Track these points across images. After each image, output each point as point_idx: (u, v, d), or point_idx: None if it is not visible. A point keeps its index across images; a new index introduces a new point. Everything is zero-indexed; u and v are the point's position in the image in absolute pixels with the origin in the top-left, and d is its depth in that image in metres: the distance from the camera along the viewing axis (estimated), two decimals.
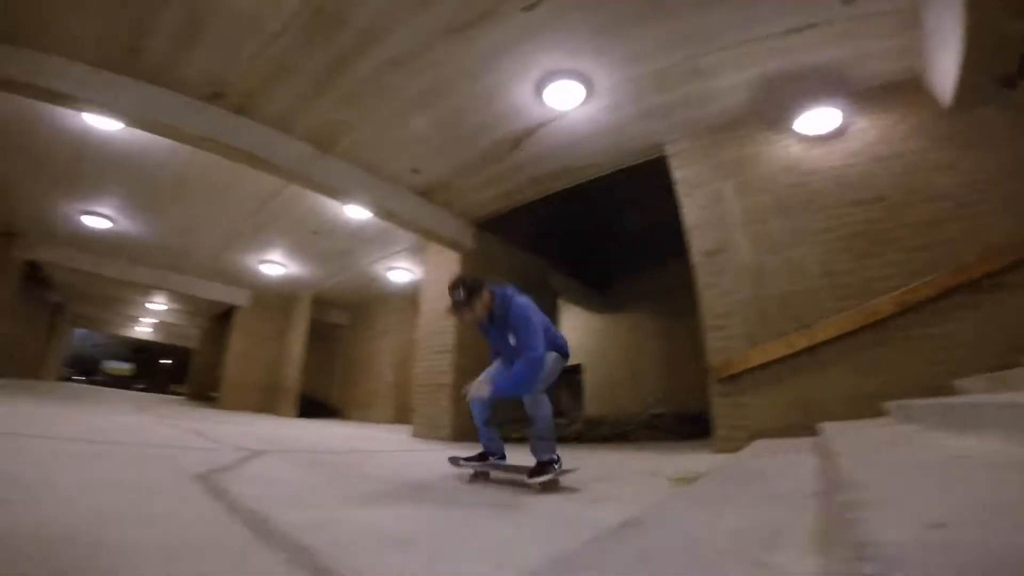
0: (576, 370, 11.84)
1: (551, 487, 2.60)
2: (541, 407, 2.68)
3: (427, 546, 1.50)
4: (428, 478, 3.00)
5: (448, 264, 7.53)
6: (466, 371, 7.00)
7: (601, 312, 11.46)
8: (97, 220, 8.64)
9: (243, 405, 12.58)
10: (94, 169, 6.92)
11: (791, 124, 4.62)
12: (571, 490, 2.67)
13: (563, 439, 6.63)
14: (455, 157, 5.88)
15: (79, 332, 26.73)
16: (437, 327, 7.38)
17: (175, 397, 22.23)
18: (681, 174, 5.13)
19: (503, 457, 3.02)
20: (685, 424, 7.09)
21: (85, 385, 24.46)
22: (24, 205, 8.38)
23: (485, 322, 2.89)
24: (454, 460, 3.13)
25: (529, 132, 5.33)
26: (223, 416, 9.17)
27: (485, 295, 2.81)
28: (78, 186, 7.48)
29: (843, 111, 4.40)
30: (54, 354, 19.15)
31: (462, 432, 6.70)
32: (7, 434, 3.11)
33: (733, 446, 3.99)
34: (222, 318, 15.73)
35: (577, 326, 11.80)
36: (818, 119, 4.47)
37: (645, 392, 10.02)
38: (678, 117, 4.98)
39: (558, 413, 8.19)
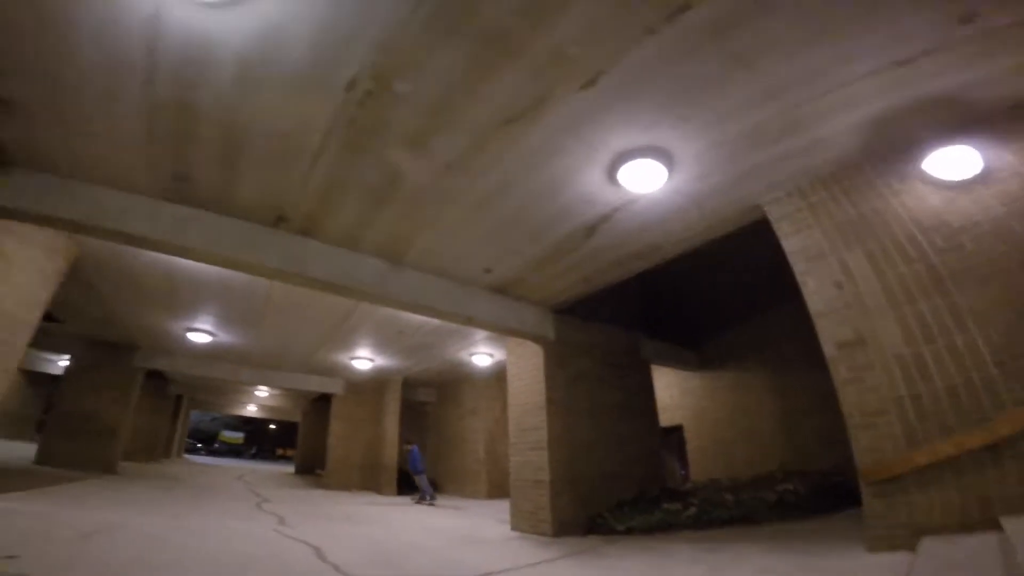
0: (676, 431, 10.98)
1: None
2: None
3: None
4: None
5: (532, 356, 7.23)
6: (566, 464, 6.58)
7: (697, 370, 10.63)
8: (199, 335, 9.47)
9: (347, 483, 13.30)
10: (189, 294, 7.52)
11: (918, 167, 3.91)
12: None
13: (678, 526, 6.00)
14: (527, 252, 5.63)
15: (197, 414, 29.41)
16: (528, 423, 7.04)
17: (283, 464, 23.72)
18: (793, 243, 4.42)
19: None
20: (820, 498, 6.12)
21: (204, 459, 26.95)
22: (138, 325, 9.39)
23: None
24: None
25: (605, 218, 4.97)
26: (333, 503, 9.38)
27: None
28: (177, 309, 8.20)
29: (980, 146, 3.66)
30: (179, 434, 21.50)
31: (564, 527, 6.24)
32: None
33: (893, 544, 3.36)
34: (321, 398, 16.74)
35: (672, 384, 11.09)
36: (952, 159, 3.73)
37: (761, 451, 8.95)
38: (779, 174, 4.37)
39: (668, 489, 7.60)
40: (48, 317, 5.43)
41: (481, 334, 8.85)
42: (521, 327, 6.89)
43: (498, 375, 12.00)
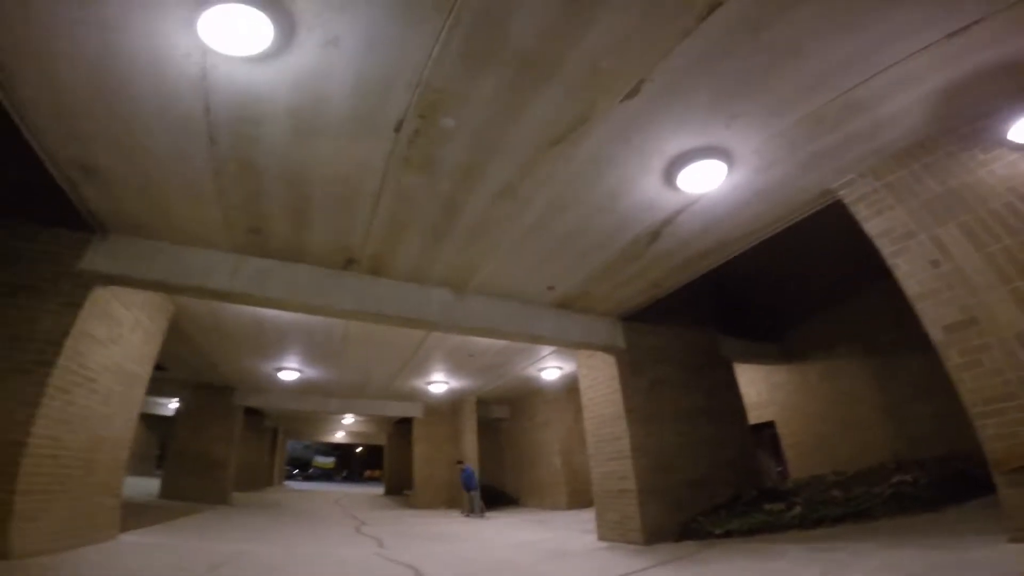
0: (766, 428, 10.33)
1: None
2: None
3: None
4: None
5: (605, 367, 7.11)
6: (652, 471, 6.38)
7: (782, 363, 9.97)
8: (288, 373, 10.21)
9: (433, 502, 13.80)
10: (275, 337, 8.14)
11: (1003, 135, 3.51)
12: None
13: (782, 527, 5.62)
14: (588, 265, 5.56)
15: (292, 443, 31.48)
16: (607, 433, 6.90)
17: (371, 486, 24.80)
18: (875, 225, 4.07)
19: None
20: (941, 488, 5.48)
21: (301, 485, 28.85)
22: (234, 368, 10.30)
23: None
24: None
25: (667, 222, 4.81)
26: (423, 523, 9.70)
27: None
28: (266, 351, 8.92)
29: None
30: (278, 463, 23.15)
31: (656, 534, 6.03)
32: None
33: None
34: (403, 421, 17.45)
35: (756, 380, 10.49)
36: None
37: (865, 443, 8.19)
38: (847, 158, 4.07)
39: (767, 490, 7.15)
40: (157, 367, 6.00)
41: (548, 349, 8.84)
42: (589, 339, 6.80)
43: (568, 386, 11.95)
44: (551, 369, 10.27)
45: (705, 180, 4.14)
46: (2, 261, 4.26)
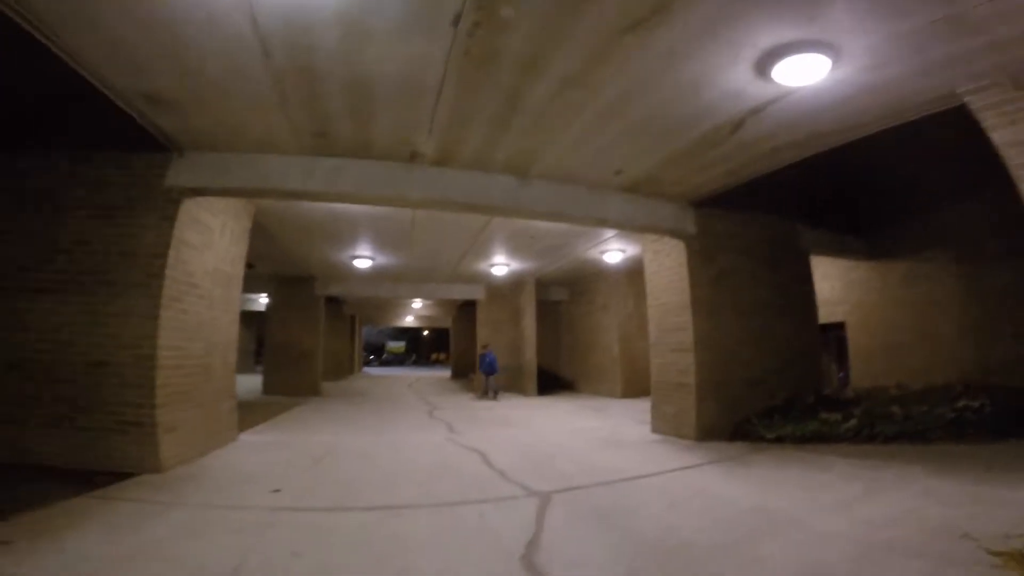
0: (836, 327, 9.99)
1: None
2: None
3: None
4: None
5: (672, 253, 6.94)
6: (712, 367, 6.48)
7: (866, 259, 9.28)
8: (362, 261, 10.84)
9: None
10: (348, 229, 8.67)
11: None
12: None
13: (835, 438, 5.69)
14: (661, 151, 5.24)
15: (366, 329, 34.40)
16: (670, 323, 6.93)
17: (438, 370, 27.28)
18: (1004, 135, 3.57)
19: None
20: (1010, 420, 5.26)
21: (377, 370, 32.06)
22: (313, 259, 11.10)
23: None
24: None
25: (755, 111, 4.34)
26: (486, 407, 10.87)
27: None
28: (341, 241, 9.53)
29: None
30: (356, 350, 25.47)
31: (708, 432, 6.31)
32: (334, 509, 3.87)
33: None
34: (466, 304, 18.28)
35: (831, 275, 9.91)
36: None
37: (939, 359, 7.79)
38: (983, 64, 3.48)
39: (825, 397, 7.11)
40: (246, 265, 6.62)
41: (611, 232, 8.69)
42: (656, 224, 6.60)
43: (629, 270, 11.78)
44: (613, 252, 10.10)
45: (804, 74, 3.66)
46: (98, 188, 4.69)
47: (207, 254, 5.43)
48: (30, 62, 3.44)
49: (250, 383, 13.33)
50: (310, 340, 13.30)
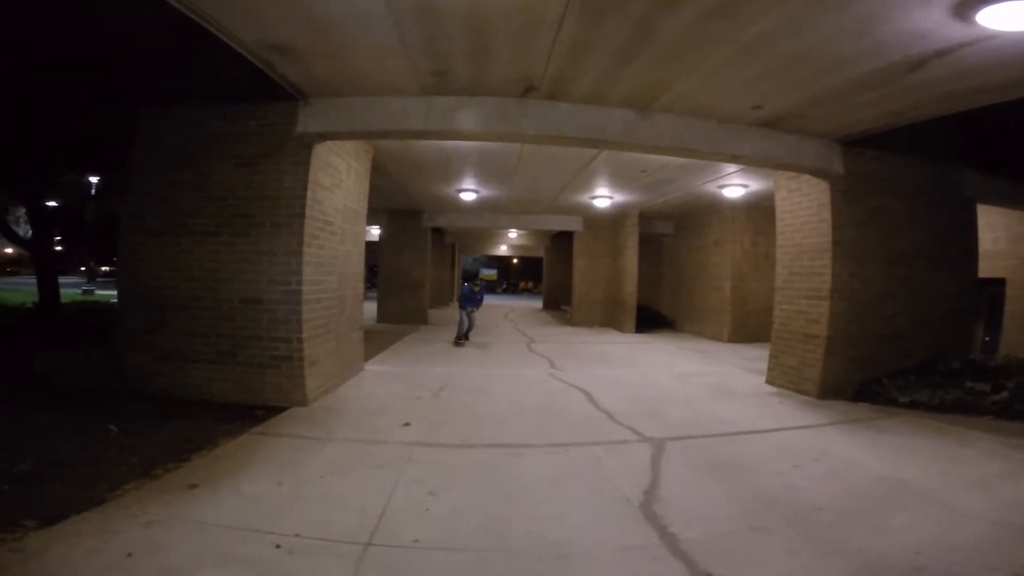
0: (991, 284, 8.51)
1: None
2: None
3: None
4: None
5: (811, 192, 6.20)
6: (847, 318, 5.90)
7: None
8: (468, 194, 11.02)
9: (590, 320, 14.58)
10: (457, 164, 8.80)
11: None
12: None
13: (978, 410, 4.97)
14: (815, 87, 4.55)
15: (465, 258, 35.69)
16: (804, 267, 6.31)
17: (527, 299, 27.60)
18: None
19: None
20: None
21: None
22: (422, 193, 11.55)
23: None
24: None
25: (942, 52, 3.61)
26: (584, 342, 10.85)
27: None
28: (451, 176, 9.75)
29: None
30: (456, 277, 26.65)
31: (831, 389, 5.85)
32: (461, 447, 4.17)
33: None
34: (560, 235, 18.04)
35: (996, 224, 8.45)
36: None
37: None
38: None
39: (974, 363, 6.17)
40: None
41: (734, 166, 7.90)
42: (798, 161, 5.89)
43: (749, 206, 10.81)
44: (735, 187, 9.24)
45: (1012, 19, 3.05)
46: (240, 139, 5.05)
47: (337, 194, 5.75)
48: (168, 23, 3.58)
49: (366, 310, 14.27)
50: (419, 271, 14.08)
